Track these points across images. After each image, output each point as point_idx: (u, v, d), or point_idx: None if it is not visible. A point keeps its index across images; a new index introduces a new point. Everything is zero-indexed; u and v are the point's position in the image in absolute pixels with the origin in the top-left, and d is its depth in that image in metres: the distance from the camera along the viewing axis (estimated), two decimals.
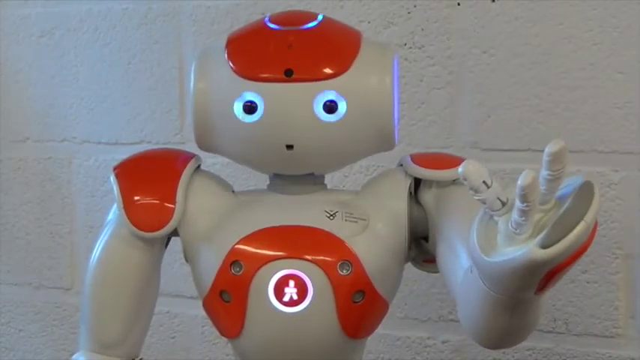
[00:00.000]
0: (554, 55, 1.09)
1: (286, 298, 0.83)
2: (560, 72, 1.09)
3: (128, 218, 0.86)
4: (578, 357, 1.11)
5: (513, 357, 1.13)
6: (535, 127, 1.11)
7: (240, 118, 0.83)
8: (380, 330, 0.99)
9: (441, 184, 0.86)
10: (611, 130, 1.08)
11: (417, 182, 0.88)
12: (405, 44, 1.16)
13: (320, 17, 0.86)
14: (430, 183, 0.87)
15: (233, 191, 0.90)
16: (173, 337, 1.32)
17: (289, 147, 0.83)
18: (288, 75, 0.82)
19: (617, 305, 1.09)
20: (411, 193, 0.87)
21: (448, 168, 0.86)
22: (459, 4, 1.13)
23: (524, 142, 1.11)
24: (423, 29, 1.15)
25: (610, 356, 1.10)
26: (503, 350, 1.12)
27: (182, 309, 1.30)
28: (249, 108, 0.83)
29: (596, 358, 1.10)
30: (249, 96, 0.83)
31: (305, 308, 0.83)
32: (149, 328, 0.91)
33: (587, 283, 1.10)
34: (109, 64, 1.33)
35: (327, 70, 0.83)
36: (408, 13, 1.16)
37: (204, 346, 1.29)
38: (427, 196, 0.87)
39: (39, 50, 1.37)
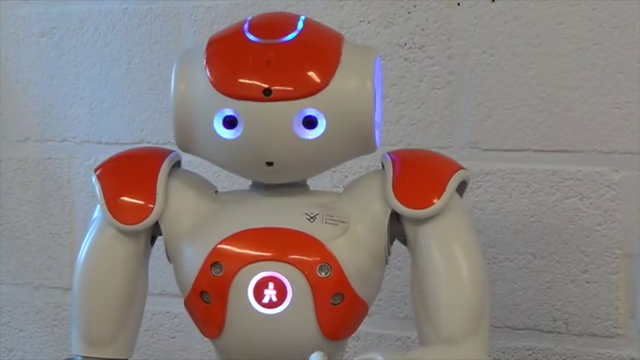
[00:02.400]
0: (554, 55, 1.09)
1: (266, 300, 0.83)
2: (560, 72, 1.09)
3: (111, 214, 0.87)
4: (578, 357, 1.11)
5: (513, 357, 1.13)
6: (535, 127, 1.11)
7: (219, 133, 0.83)
8: (380, 330, 0.99)
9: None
10: (611, 130, 1.08)
11: None
12: (405, 44, 1.16)
13: (300, 26, 0.85)
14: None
15: (216, 191, 0.91)
16: (173, 337, 1.32)
17: (269, 164, 0.84)
18: (267, 95, 0.82)
19: (617, 305, 1.09)
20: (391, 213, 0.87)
21: (427, 204, 0.84)
22: (458, 4, 1.13)
23: (524, 142, 1.11)
24: (423, 29, 1.15)
25: (610, 356, 1.10)
26: (503, 350, 1.12)
27: (182, 309, 1.28)
28: (229, 122, 0.83)
29: (596, 358, 1.10)
30: (229, 112, 0.83)
31: (284, 310, 0.83)
32: (150, 330, 0.91)
33: (587, 283, 1.10)
34: (109, 64, 1.33)
35: (307, 88, 0.82)
36: (408, 13, 1.16)
37: (204, 346, 1.29)
38: (406, 223, 0.86)
39: (39, 50, 1.37)
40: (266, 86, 0.82)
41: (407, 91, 1.16)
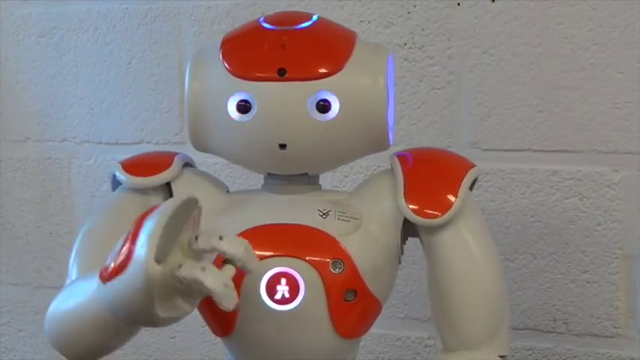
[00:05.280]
0: (554, 55, 1.09)
1: (278, 296, 0.83)
2: (560, 72, 1.09)
3: (125, 171, 0.88)
4: (578, 357, 1.11)
5: (513, 357, 1.13)
6: (535, 127, 1.11)
7: (233, 117, 0.84)
8: (380, 330, 0.99)
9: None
10: (611, 130, 1.08)
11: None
12: (405, 44, 1.16)
13: (315, 18, 0.86)
14: None
15: (228, 191, 0.91)
16: (173, 337, 1.32)
17: (282, 146, 0.83)
18: (281, 74, 0.82)
19: (617, 305, 1.09)
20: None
21: (440, 212, 0.84)
22: (458, 4, 1.13)
23: (524, 142, 1.11)
24: (423, 29, 1.15)
25: (610, 356, 1.10)
26: None
27: None
28: (243, 107, 0.83)
29: (596, 358, 1.10)
30: (243, 95, 0.83)
31: (297, 306, 0.83)
32: (150, 330, 0.90)
33: (587, 283, 1.10)
34: (109, 64, 1.33)
35: (321, 70, 0.83)
36: (408, 13, 1.16)
37: (204, 346, 1.29)
38: (419, 228, 0.86)
39: (39, 50, 1.37)
40: (280, 66, 0.82)
41: (407, 91, 1.16)
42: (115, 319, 0.76)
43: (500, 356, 0.85)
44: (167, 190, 0.89)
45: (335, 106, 0.83)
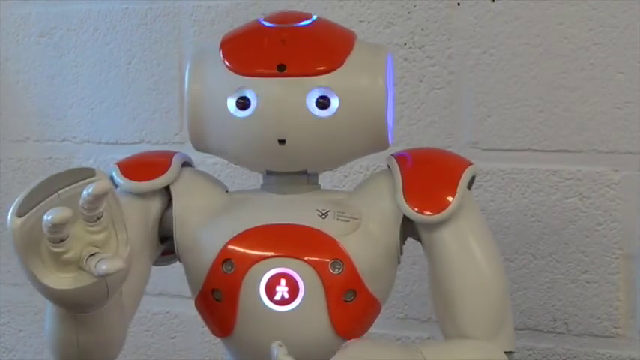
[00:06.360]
0: (554, 55, 1.09)
1: (277, 297, 0.83)
2: (560, 72, 1.09)
3: (123, 174, 0.87)
4: (578, 357, 1.11)
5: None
6: (535, 127, 1.11)
7: (233, 113, 0.84)
8: (380, 330, 0.99)
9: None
10: (611, 130, 1.08)
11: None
12: (405, 44, 1.16)
13: (314, 17, 0.87)
14: None
15: (227, 191, 0.91)
16: (173, 337, 1.32)
17: (281, 142, 0.84)
18: (281, 70, 0.83)
19: (617, 305, 1.09)
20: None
21: (439, 209, 0.84)
22: (458, 4, 1.13)
23: (524, 142, 1.11)
24: (423, 29, 1.15)
25: (610, 356, 1.10)
26: None
27: (182, 309, 1.30)
28: (242, 104, 0.83)
29: (596, 358, 1.10)
30: (242, 91, 0.83)
31: (296, 307, 0.83)
32: (150, 330, 0.90)
33: (587, 283, 1.10)
34: (109, 64, 1.33)
35: (321, 66, 0.83)
36: (408, 13, 1.16)
37: (204, 346, 1.29)
38: (419, 226, 0.86)
39: (39, 50, 1.37)
40: (280, 62, 0.83)
41: (407, 91, 1.16)
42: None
43: (506, 352, 0.85)
44: (166, 191, 0.89)
45: (334, 103, 0.83)
